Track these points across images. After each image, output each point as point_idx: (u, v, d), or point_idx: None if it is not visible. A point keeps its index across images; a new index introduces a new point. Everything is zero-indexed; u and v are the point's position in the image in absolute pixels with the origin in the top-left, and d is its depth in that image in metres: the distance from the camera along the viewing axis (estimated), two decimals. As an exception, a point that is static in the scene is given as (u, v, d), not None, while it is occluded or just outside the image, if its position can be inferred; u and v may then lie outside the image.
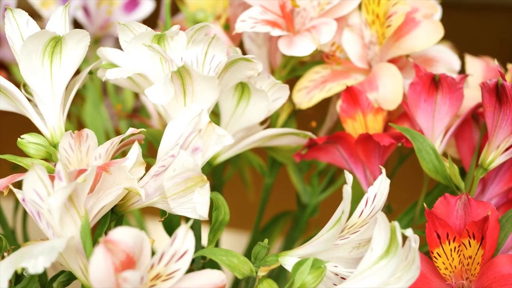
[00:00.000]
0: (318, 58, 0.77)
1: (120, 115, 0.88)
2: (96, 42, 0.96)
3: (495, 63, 0.79)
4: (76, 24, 0.95)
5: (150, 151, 0.81)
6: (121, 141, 0.61)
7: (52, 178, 0.59)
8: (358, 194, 0.83)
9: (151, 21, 0.96)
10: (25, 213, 0.85)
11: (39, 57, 0.59)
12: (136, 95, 0.97)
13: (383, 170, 0.56)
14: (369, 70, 0.74)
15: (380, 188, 0.56)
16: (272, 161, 0.81)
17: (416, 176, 0.79)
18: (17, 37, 0.60)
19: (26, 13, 0.60)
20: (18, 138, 0.60)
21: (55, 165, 0.61)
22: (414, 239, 0.52)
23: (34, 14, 0.97)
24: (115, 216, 0.60)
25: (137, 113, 0.96)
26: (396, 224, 0.53)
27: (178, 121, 0.56)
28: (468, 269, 0.61)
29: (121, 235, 0.49)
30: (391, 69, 0.70)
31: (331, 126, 0.81)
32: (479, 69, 0.78)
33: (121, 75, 0.58)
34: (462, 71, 0.76)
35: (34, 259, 0.49)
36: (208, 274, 0.52)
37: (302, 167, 0.82)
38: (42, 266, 0.49)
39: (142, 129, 0.60)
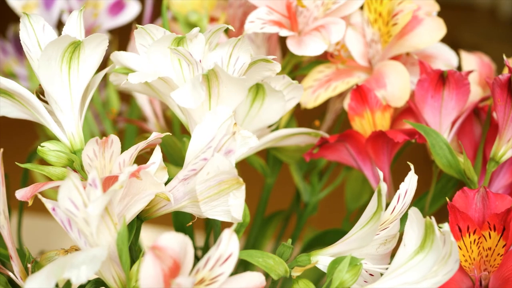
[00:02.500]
0: (315, 58, 0.78)
1: (116, 120, 0.86)
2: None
3: (488, 58, 0.81)
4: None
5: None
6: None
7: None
8: (358, 190, 0.85)
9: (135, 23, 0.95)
10: (19, 220, 0.83)
11: (57, 63, 0.57)
12: (122, 99, 0.95)
13: (412, 167, 0.57)
14: (370, 68, 0.75)
15: (410, 184, 0.56)
16: (273, 161, 0.81)
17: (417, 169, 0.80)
18: (33, 43, 0.59)
19: (42, 18, 0.59)
20: (38, 146, 0.58)
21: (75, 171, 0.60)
22: (450, 233, 0.53)
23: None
24: (140, 222, 0.59)
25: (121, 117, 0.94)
26: (432, 219, 0.53)
27: (206, 125, 0.56)
28: (487, 260, 0.62)
29: (168, 241, 0.48)
30: (397, 66, 0.71)
31: (331, 125, 0.81)
32: (474, 64, 0.79)
33: (145, 79, 0.57)
34: (459, 67, 0.78)
35: (77, 269, 0.48)
36: (249, 277, 0.52)
37: (301, 166, 0.82)
38: (85, 276, 0.48)
39: (167, 133, 0.59)
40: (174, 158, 0.72)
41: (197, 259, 0.61)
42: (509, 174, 0.71)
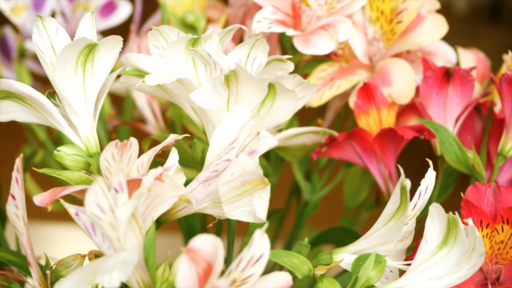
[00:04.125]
0: (312, 57, 0.78)
1: (116, 122, 0.86)
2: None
3: (483, 54, 0.83)
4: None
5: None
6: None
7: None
8: (356, 188, 0.85)
9: (123, 25, 0.94)
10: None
11: (72, 66, 0.57)
12: (113, 102, 0.95)
13: (430, 163, 0.57)
14: (371, 66, 0.76)
15: (430, 180, 0.57)
16: (274, 160, 0.81)
17: (413, 166, 0.81)
18: (47, 46, 0.58)
19: (55, 21, 0.58)
20: (55, 151, 0.58)
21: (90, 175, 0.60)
22: (475, 228, 0.53)
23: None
24: (159, 224, 0.59)
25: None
26: (455, 214, 0.54)
27: (226, 125, 0.56)
28: (499, 253, 0.63)
29: (201, 243, 0.48)
30: (402, 64, 0.71)
31: (331, 123, 0.82)
32: (471, 60, 0.80)
33: (163, 81, 0.56)
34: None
35: (108, 274, 0.48)
36: (277, 277, 0.52)
37: (302, 165, 0.83)
38: (117, 280, 0.48)
39: (186, 135, 0.59)
40: (180, 159, 0.72)
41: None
42: (512, 168, 0.72)
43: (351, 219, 0.89)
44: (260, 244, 0.50)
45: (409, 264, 0.57)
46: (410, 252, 0.63)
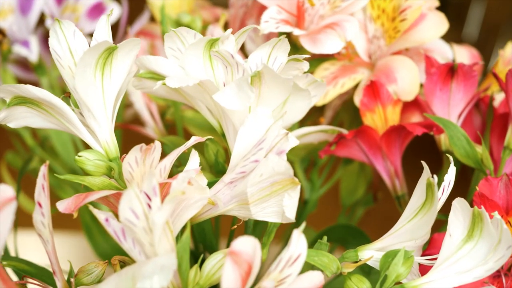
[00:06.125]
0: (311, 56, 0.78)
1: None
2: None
3: (475, 51, 0.84)
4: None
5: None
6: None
7: (118, 195, 0.57)
8: (352, 185, 0.86)
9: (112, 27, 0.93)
10: (15, 229, 0.80)
11: (92, 70, 0.56)
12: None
13: (451, 158, 0.58)
14: (371, 64, 0.76)
15: (452, 176, 0.58)
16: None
17: (409, 164, 0.82)
18: (65, 50, 0.57)
19: (73, 24, 0.57)
20: (76, 156, 0.56)
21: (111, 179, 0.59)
22: (502, 220, 0.54)
23: None
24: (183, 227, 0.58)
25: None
26: (482, 208, 0.55)
27: (251, 127, 0.56)
28: None
29: (243, 245, 0.48)
30: (406, 61, 0.72)
31: (330, 122, 0.82)
32: (466, 56, 0.82)
33: (186, 83, 0.56)
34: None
35: (149, 280, 0.47)
36: (311, 276, 0.52)
37: (302, 164, 0.83)
38: (159, 285, 0.47)
39: (210, 137, 0.59)
40: (186, 161, 0.71)
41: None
42: (515, 161, 0.74)
43: (348, 216, 0.89)
44: (297, 245, 0.50)
45: (434, 259, 0.58)
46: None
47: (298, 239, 0.50)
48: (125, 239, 0.52)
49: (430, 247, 0.64)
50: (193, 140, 0.58)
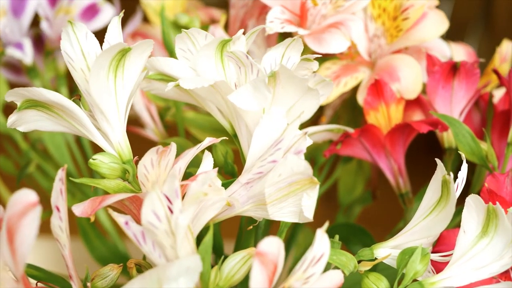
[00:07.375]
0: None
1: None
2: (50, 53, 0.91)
3: (471, 49, 0.85)
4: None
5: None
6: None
7: (134, 198, 0.56)
8: (351, 184, 0.86)
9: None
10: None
11: (105, 72, 0.55)
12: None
13: (463, 156, 0.59)
14: (371, 62, 0.77)
15: (464, 172, 0.58)
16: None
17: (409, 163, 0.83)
18: (77, 52, 0.56)
19: (85, 26, 0.56)
20: (90, 160, 0.56)
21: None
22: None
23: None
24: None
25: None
26: (497, 204, 0.55)
27: (267, 127, 0.56)
28: (519, 240, 0.65)
29: (269, 246, 0.48)
30: (409, 60, 0.73)
31: (330, 121, 0.82)
32: (462, 54, 0.83)
33: (201, 85, 0.56)
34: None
35: (175, 282, 0.47)
36: (331, 275, 0.52)
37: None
38: (186, 287, 0.47)
39: (224, 138, 0.58)
40: (191, 162, 0.71)
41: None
42: (515, 157, 0.74)
43: (346, 214, 0.90)
44: (321, 244, 0.50)
45: (447, 256, 0.58)
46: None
47: (321, 239, 0.50)
48: (145, 242, 0.52)
49: (439, 244, 0.65)
50: (207, 141, 0.58)
